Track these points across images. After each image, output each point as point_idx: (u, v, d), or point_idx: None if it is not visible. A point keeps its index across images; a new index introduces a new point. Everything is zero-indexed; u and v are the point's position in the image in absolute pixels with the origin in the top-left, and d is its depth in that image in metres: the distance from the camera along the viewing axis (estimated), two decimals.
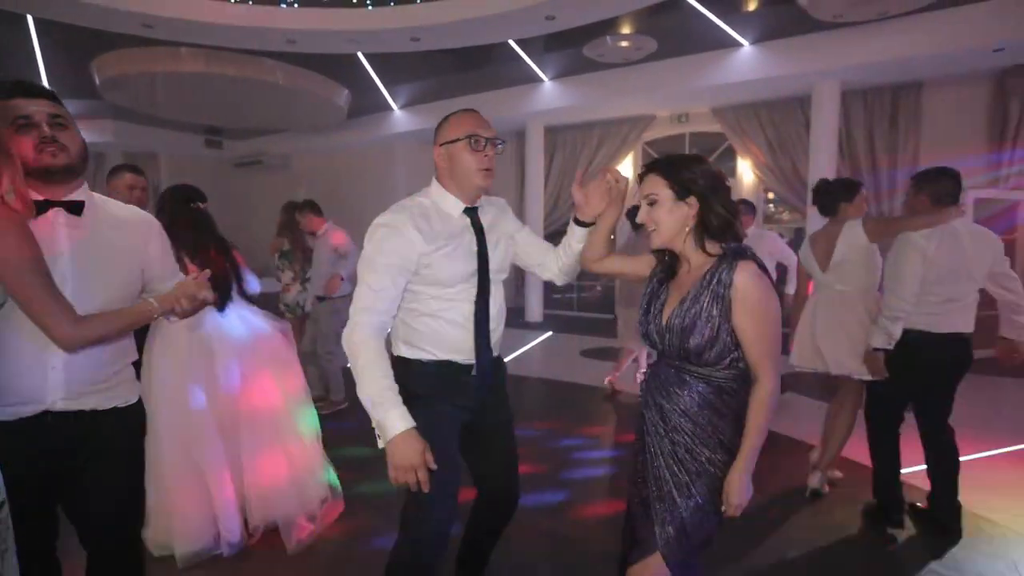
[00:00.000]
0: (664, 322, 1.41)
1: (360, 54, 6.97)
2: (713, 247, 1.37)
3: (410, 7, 5.61)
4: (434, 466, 1.38)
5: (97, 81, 6.77)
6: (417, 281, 1.53)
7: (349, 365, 1.48)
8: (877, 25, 5.67)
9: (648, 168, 1.42)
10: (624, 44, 6.36)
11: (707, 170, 1.36)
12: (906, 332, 2.39)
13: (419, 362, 1.57)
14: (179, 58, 6.36)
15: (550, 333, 7.80)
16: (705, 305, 1.33)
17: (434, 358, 1.56)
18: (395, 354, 1.61)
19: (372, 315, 1.46)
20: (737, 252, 1.34)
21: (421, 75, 7.96)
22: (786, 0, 5.22)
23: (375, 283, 1.47)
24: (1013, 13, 5.23)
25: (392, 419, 1.37)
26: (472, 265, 1.56)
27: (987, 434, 3.60)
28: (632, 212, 4.25)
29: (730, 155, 8.26)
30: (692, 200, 1.34)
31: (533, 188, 8.77)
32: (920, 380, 2.46)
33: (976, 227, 2.48)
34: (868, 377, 2.59)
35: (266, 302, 3.07)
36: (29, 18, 5.71)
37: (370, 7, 5.63)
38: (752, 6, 5.81)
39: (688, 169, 1.35)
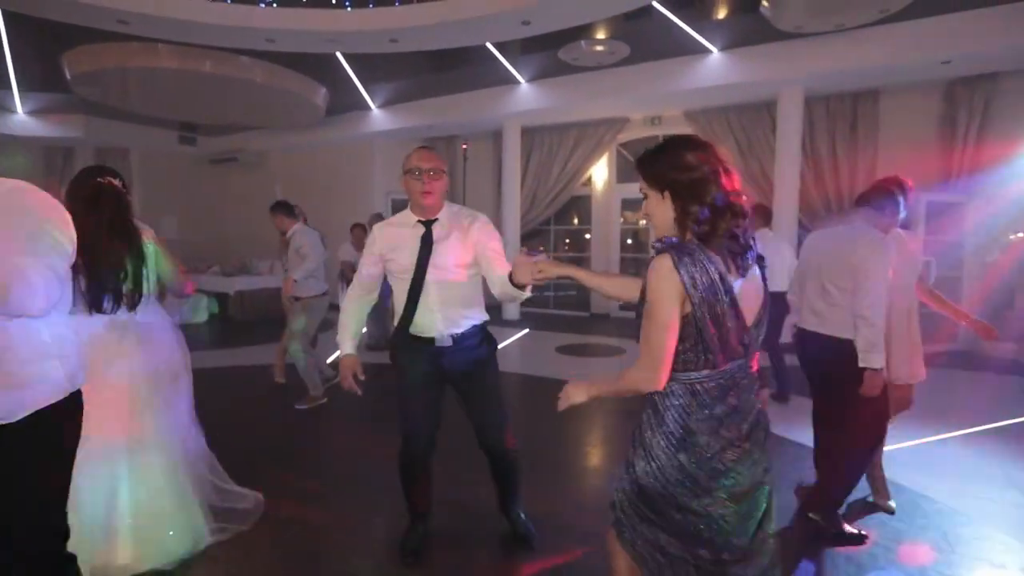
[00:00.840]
0: None
1: (339, 53, 7.01)
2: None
3: (389, 9, 5.70)
4: (361, 377, 2.21)
5: (68, 76, 6.68)
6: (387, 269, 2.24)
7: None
8: (836, 36, 5.97)
9: (635, 163, 1.41)
10: (598, 48, 6.54)
11: (680, 162, 1.29)
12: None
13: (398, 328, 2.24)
14: (154, 54, 6.31)
15: (527, 330, 7.96)
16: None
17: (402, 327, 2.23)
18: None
19: (353, 285, 2.32)
20: (665, 246, 1.29)
21: (400, 75, 8.04)
22: (751, 10, 5.47)
23: (360, 264, 2.30)
24: (959, 29, 5.61)
25: (342, 349, 2.24)
26: (410, 262, 2.13)
27: (935, 421, 3.88)
28: None
29: None
30: (667, 193, 1.32)
31: (509, 187, 8.91)
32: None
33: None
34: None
35: None
36: None
37: (349, 8, 5.70)
38: (720, 15, 6.05)
39: (658, 162, 1.33)
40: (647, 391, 1.35)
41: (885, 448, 2.81)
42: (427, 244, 2.11)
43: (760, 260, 1.38)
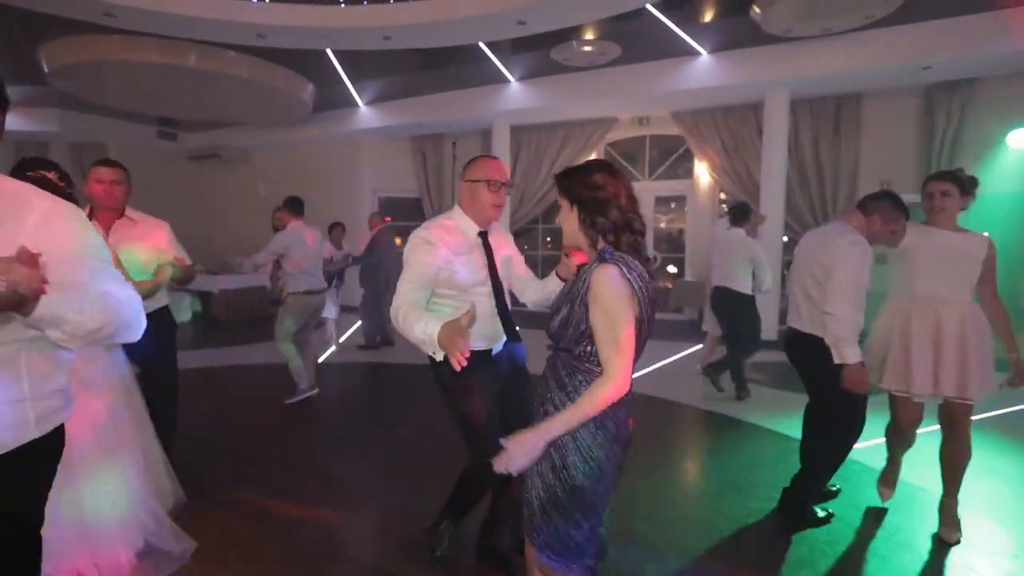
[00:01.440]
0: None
1: (328, 50, 6.93)
2: (600, 247, 1.47)
3: (383, 6, 5.66)
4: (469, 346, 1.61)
5: (46, 68, 6.47)
6: (440, 284, 1.99)
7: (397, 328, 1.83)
8: (822, 41, 6.12)
9: (555, 177, 1.60)
10: (589, 49, 6.59)
11: (590, 181, 1.46)
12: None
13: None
14: (138, 47, 6.15)
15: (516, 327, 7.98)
16: (567, 294, 1.48)
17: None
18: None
19: (407, 296, 1.89)
20: (603, 256, 1.41)
21: (389, 72, 7.98)
22: (741, 13, 5.57)
23: (408, 277, 1.95)
24: (939, 36, 5.81)
25: (431, 330, 1.66)
26: (484, 276, 2.06)
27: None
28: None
29: (688, 157, 8.66)
30: (575, 206, 1.49)
31: None
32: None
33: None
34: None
35: None
36: None
37: (343, 5, 5.64)
38: (709, 18, 6.15)
39: (572, 178, 1.50)
40: (618, 398, 1.40)
41: (876, 442, 2.92)
42: (490, 253, 2.10)
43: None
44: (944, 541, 2.51)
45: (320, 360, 6.04)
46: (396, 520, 2.69)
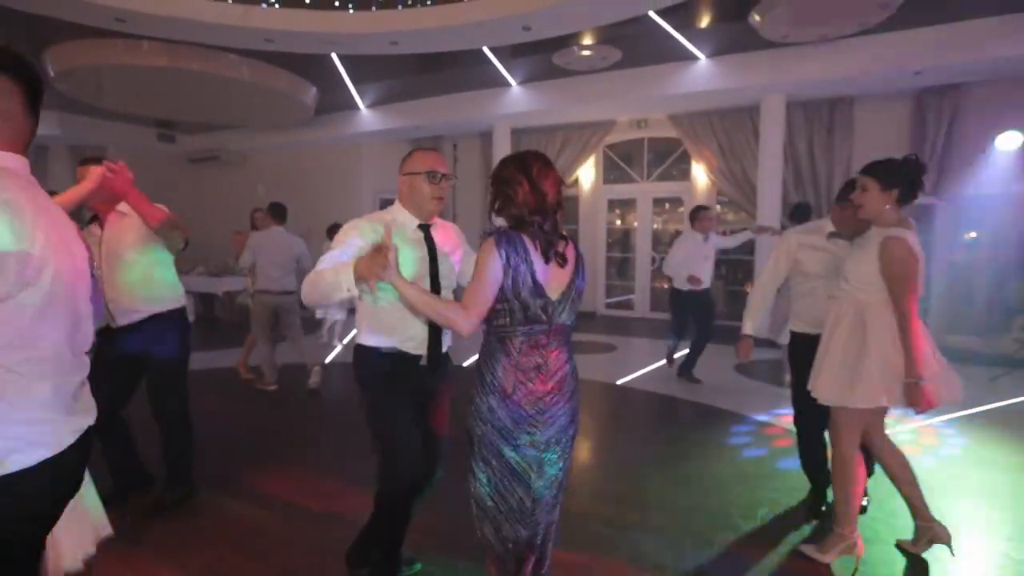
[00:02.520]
0: None
1: (333, 53, 7.01)
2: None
3: (390, 12, 5.75)
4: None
5: (51, 72, 6.51)
6: None
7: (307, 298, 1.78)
8: (817, 47, 6.29)
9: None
10: (590, 53, 6.72)
11: (503, 172, 1.62)
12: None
13: (378, 351, 1.96)
14: (143, 51, 6.20)
15: None
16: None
17: (392, 347, 1.95)
18: (359, 343, 2.02)
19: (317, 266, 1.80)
20: (492, 232, 1.60)
21: (391, 75, 8.06)
22: (739, 19, 5.72)
23: (333, 254, 1.81)
24: (929, 43, 6.01)
25: (344, 268, 1.65)
26: (424, 269, 1.95)
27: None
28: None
29: (685, 159, 8.82)
30: (492, 189, 1.67)
31: None
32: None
33: None
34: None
35: None
36: None
37: (351, 10, 5.72)
38: (708, 23, 6.30)
39: (499, 166, 1.66)
40: (455, 330, 1.60)
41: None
42: (432, 248, 1.99)
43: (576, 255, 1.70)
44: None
45: (326, 360, 6.13)
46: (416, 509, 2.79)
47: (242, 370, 5.38)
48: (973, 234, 6.90)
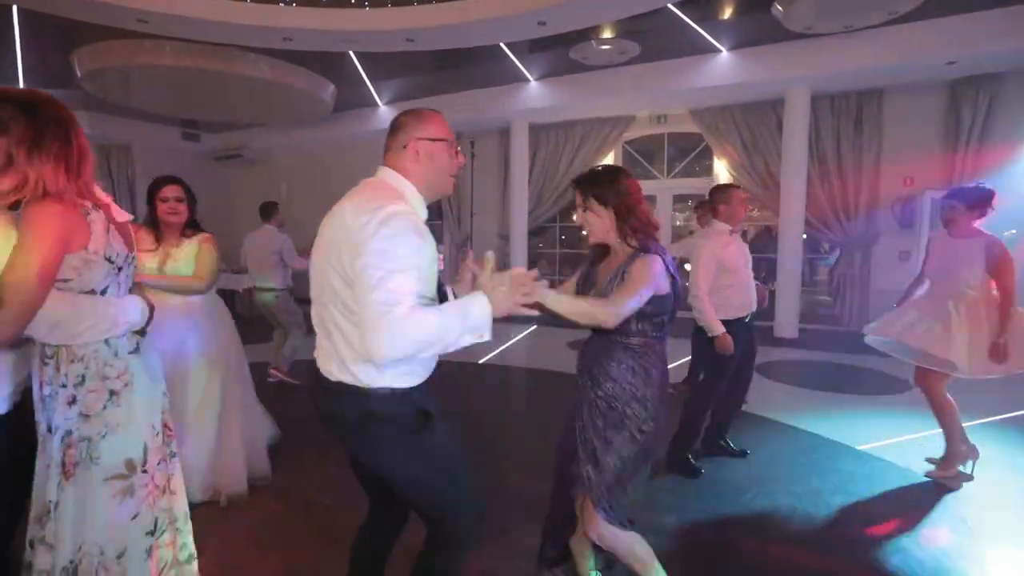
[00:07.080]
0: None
1: (351, 51, 7.05)
2: (633, 243, 1.81)
3: (407, 8, 5.75)
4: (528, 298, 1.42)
5: (79, 73, 6.68)
6: None
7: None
8: (843, 37, 6.09)
9: (576, 183, 1.87)
10: (608, 48, 6.62)
11: (621, 188, 1.78)
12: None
13: (396, 392, 1.44)
14: (164, 52, 6.33)
15: (534, 327, 8.06)
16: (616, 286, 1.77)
17: (408, 384, 1.46)
18: (361, 384, 1.41)
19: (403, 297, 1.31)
20: (642, 249, 1.78)
21: (409, 72, 8.08)
22: (761, 10, 5.57)
23: (409, 287, 1.33)
24: (964, 31, 5.75)
25: (477, 306, 1.35)
26: (437, 271, 1.49)
27: None
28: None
29: (707, 154, 8.64)
30: (610, 209, 1.79)
31: (517, 184, 9.00)
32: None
33: None
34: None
35: None
36: (14, 7, 5.62)
37: (367, 7, 5.74)
38: (729, 15, 6.15)
39: (602, 186, 1.80)
40: (605, 326, 1.70)
41: (897, 440, 2.96)
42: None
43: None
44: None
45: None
46: None
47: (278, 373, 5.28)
48: (1013, 231, 6.60)
